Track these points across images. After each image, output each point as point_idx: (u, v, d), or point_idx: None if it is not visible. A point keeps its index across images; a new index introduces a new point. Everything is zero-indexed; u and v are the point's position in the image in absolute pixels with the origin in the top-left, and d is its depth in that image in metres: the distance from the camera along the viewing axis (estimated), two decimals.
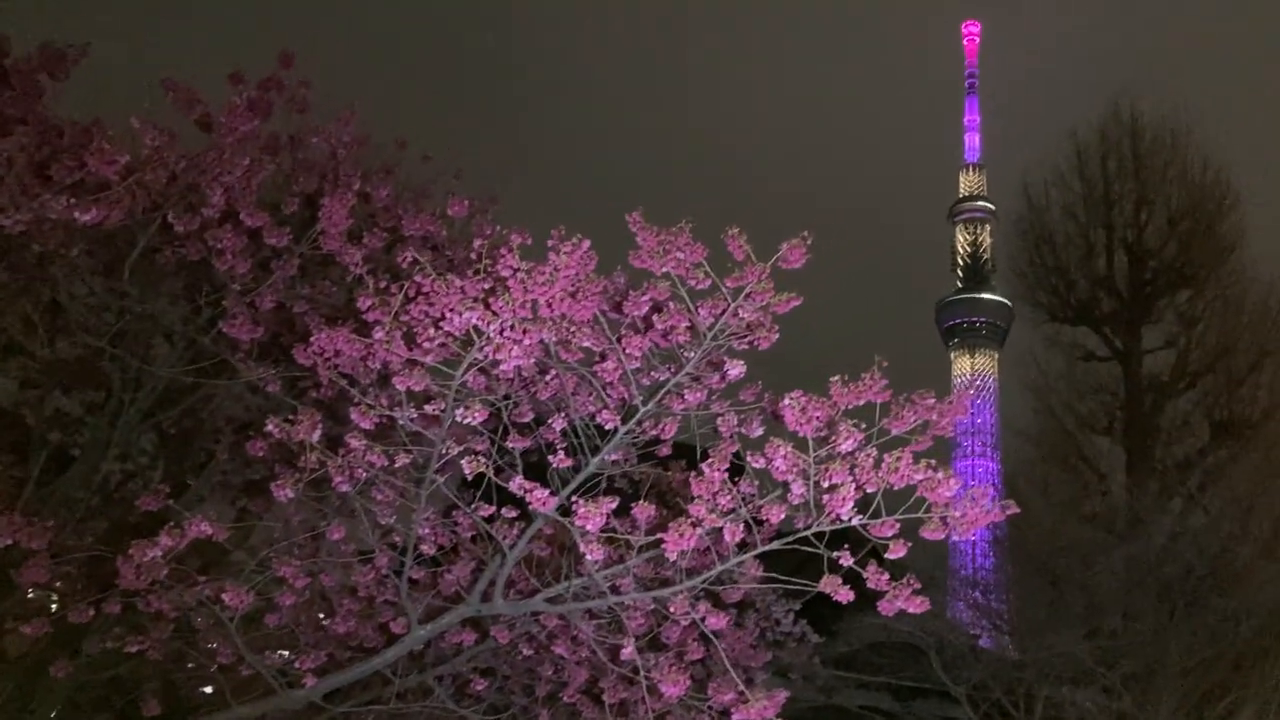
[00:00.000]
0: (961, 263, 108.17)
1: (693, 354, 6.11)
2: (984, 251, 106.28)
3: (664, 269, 5.80)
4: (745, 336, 6.03)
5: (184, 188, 6.67)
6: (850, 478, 5.51)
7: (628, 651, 6.55)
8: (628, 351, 6.06)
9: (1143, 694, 14.83)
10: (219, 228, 6.69)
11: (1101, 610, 15.23)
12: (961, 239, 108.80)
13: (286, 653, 7.43)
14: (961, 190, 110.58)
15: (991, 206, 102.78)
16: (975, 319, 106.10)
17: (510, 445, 6.44)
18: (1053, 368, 20.54)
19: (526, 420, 6.61)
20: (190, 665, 8.00)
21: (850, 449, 5.49)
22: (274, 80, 7.43)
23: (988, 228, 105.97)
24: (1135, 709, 14.85)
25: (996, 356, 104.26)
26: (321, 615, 7.54)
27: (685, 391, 6.26)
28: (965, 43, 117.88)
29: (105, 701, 7.84)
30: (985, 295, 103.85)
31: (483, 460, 6.03)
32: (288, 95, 7.56)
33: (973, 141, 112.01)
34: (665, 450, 6.91)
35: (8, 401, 8.18)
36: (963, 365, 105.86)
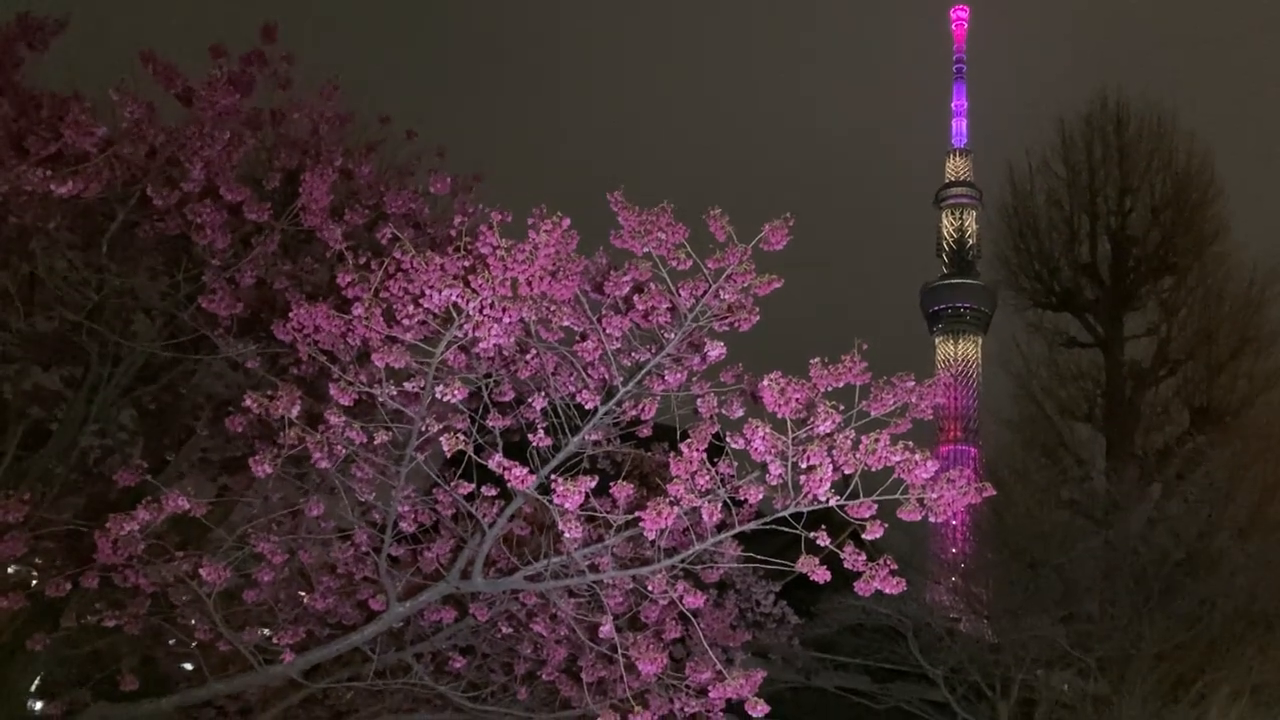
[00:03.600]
0: (947, 248, 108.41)
1: (673, 335, 6.11)
2: (969, 237, 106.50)
3: (645, 249, 5.79)
4: (726, 318, 6.03)
5: (164, 162, 6.62)
6: (828, 459, 5.52)
7: (606, 630, 6.57)
8: (608, 331, 6.06)
9: (1118, 678, 14.98)
10: (199, 202, 6.65)
11: (1078, 595, 15.33)
12: (947, 224, 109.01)
13: (265, 629, 7.43)
14: (948, 175, 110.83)
15: (977, 192, 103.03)
16: (959, 304, 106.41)
17: (490, 424, 6.44)
18: (1035, 354, 20.59)
19: (507, 399, 6.60)
20: (169, 641, 8.00)
21: (828, 430, 5.50)
22: (256, 55, 7.38)
23: (973, 213, 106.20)
24: (1110, 692, 15.01)
25: (980, 342, 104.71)
26: (300, 592, 7.54)
27: (665, 372, 6.26)
28: (954, 28, 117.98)
29: (83, 677, 7.82)
30: (969, 280, 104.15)
31: (462, 438, 6.01)
32: (270, 70, 7.51)
33: (960, 127, 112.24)
34: (645, 431, 6.91)
35: None
36: (947, 351, 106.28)
